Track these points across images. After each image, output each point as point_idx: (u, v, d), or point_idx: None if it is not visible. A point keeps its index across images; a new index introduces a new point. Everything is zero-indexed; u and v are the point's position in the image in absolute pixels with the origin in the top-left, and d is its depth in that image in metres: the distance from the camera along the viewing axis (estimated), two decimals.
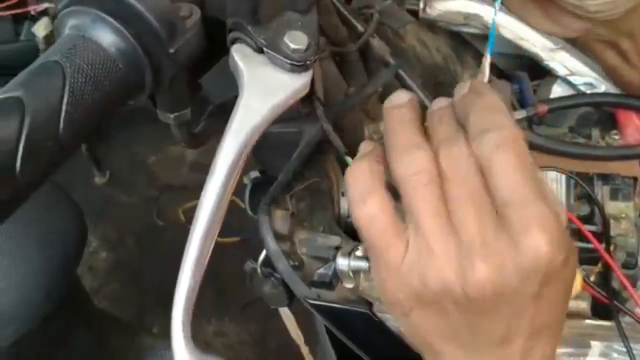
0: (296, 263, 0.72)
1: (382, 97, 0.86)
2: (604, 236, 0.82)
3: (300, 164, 0.76)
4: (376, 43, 0.85)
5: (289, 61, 0.53)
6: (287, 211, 0.73)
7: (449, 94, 0.99)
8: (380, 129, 0.91)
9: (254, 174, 0.82)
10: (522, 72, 1.02)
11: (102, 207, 2.23)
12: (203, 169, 0.51)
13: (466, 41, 1.10)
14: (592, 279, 0.80)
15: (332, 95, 0.89)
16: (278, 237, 0.71)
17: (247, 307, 1.85)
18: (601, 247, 0.79)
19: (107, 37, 0.49)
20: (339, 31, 0.85)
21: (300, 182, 0.76)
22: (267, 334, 1.89)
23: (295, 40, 0.54)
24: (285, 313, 0.80)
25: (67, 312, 1.30)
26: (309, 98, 0.66)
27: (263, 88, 0.53)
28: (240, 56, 0.54)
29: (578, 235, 0.82)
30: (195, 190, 0.60)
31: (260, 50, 0.54)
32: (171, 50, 0.51)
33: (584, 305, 0.79)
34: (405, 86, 0.85)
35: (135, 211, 2.29)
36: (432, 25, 1.07)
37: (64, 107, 0.46)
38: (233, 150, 0.51)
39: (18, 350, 1.11)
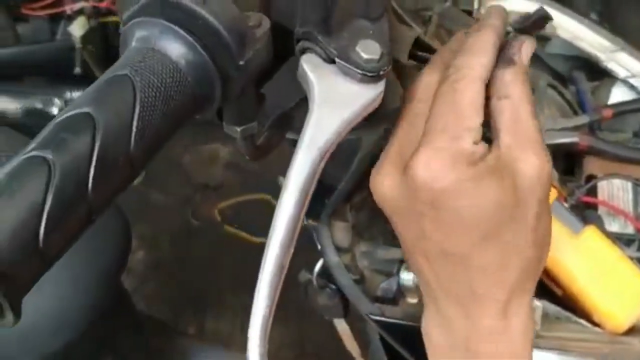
0: (357, 277, 0.70)
1: None
2: None
3: (360, 174, 0.73)
4: (435, 44, 0.82)
5: (361, 72, 0.51)
6: (347, 223, 0.70)
7: None
8: None
9: None
10: (580, 73, 0.99)
11: (137, 207, 2.22)
12: (238, 168, 0.50)
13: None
14: None
15: (387, 100, 0.86)
16: (339, 249, 0.69)
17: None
18: None
19: (176, 49, 0.47)
20: (398, 33, 0.83)
21: (360, 192, 0.74)
22: (305, 337, 1.88)
23: (368, 50, 0.51)
24: (340, 325, 0.78)
25: (112, 316, 1.30)
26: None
27: (334, 101, 0.51)
28: (311, 67, 0.52)
29: None
30: (230, 189, 0.58)
31: (331, 61, 0.52)
32: (241, 62, 0.48)
33: None
34: None
35: (171, 211, 2.28)
36: None
37: (135, 123, 0.44)
38: (305, 167, 0.48)
39: (66, 356, 1.10)
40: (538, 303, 0.72)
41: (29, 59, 1.55)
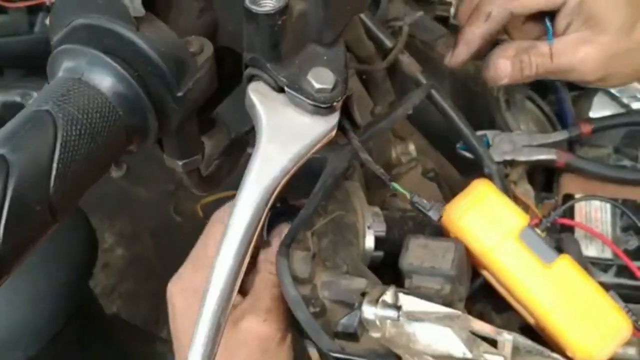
0: (317, 309, 0.65)
1: (411, 115, 0.79)
2: None
3: (323, 197, 0.69)
4: (406, 60, 0.78)
5: (313, 102, 0.47)
6: (308, 252, 0.66)
7: (481, 103, 0.93)
8: (409, 150, 0.85)
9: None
10: (560, 82, 0.95)
11: (118, 201, 2.17)
12: None
13: None
14: None
15: (359, 115, 0.82)
16: (298, 280, 0.65)
17: None
18: None
19: (105, 80, 0.43)
20: (365, 46, 0.78)
21: (323, 217, 0.70)
22: None
23: (320, 78, 0.47)
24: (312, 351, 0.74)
25: (80, 324, 1.25)
26: (341, 126, 0.60)
27: (283, 134, 0.47)
28: (258, 97, 0.48)
29: (626, 271, 0.75)
30: None
31: (280, 90, 0.48)
32: (179, 94, 0.44)
33: (632, 351, 0.72)
34: (438, 107, 0.78)
35: (152, 206, 2.23)
36: None
37: (55, 165, 0.40)
38: (250, 210, 0.44)
39: None
40: (508, 336, 0.68)
41: (7, 52, 1.50)
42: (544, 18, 0.77)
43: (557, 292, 0.67)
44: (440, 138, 0.84)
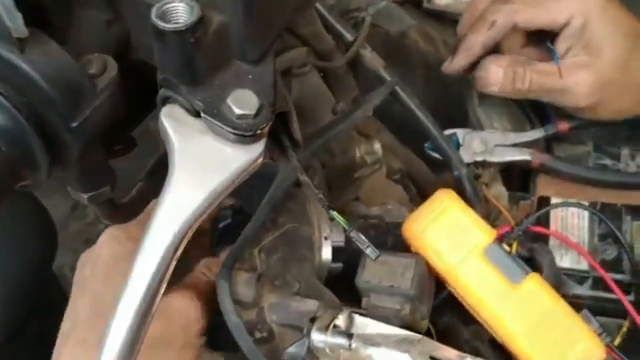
0: (264, 334, 0.60)
1: (377, 109, 0.73)
2: (632, 286, 0.69)
3: (271, 210, 0.64)
4: (368, 55, 0.72)
5: (232, 130, 0.41)
6: (253, 272, 0.61)
7: (456, 94, 0.87)
8: (374, 149, 0.79)
9: (226, 215, 0.69)
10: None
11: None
12: None
13: None
14: (619, 335, 0.68)
15: (318, 112, 0.76)
16: (241, 305, 0.60)
17: None
18: (627, 301, 0.67)
19: None
20: (325, 40, 0.72)
21: (272, 231, 0.64)
22: None
23: (242, 103, 0.41)
24: None
25: (42, 318, 1.20)
26: (280, 144, 0.54)
27: (199, 166, 0.41)
28: (172, 122, 0.42)
29: (603, 283, 0.70)
30: None
31: (197, 114, 0.42)
32: (74, 124, 0.38)
33: None
34: (403, 105, 0.72)
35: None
36: (438, 17, 0.94)
37: None
38: (154, 261, 0.38)
39: None
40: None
41: None
42: (544, 43, 0.76)
43: (524, 314, 0.62)
44: (409, 132, 0.78)
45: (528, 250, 0.71)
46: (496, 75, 0.73)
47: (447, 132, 0.77)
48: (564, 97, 0.74)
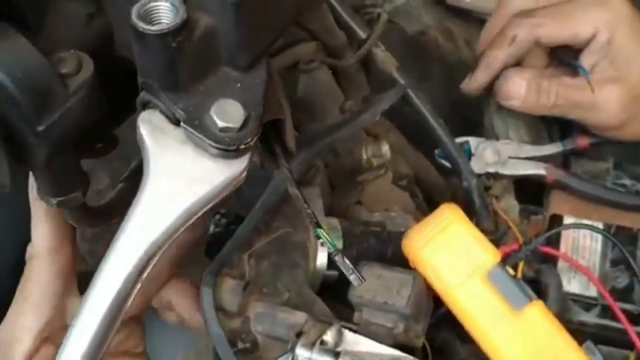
0: (247, 345, 0.58)
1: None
2: None
3: (265, 215, 0.61)
4: (380, 54, 0.68)
5: (214, 144, 0.37)
6: (240, 280, 0.58)
7: (474, 98, 0.82)
8: (382, 151, 0.75)
9: (215, 223, 0.66)
10: None
11: None
12: None
13: None
14: None
15: (326, 109, 0.72)
16: (225, 313, 0.57)
17: None
18: (635, 332, 0.63)
19: None
20: (336, 36, 0.68)
21: (265, 235, 0.61)
22: None
23: (226, 115, 0.37)
24: None
25: None
26: (272, 151, 0.51)
27: (176, 180, 0.38)
28: (149, 129, 0.38)
29: (611, 312, 0.66)
30: None
31: (178, 123, 0.39)
32: (40, 128, 0.35)
33: None
34: (414, 109, 0.69)
35: None
36: (461, 14, 0.89)
37: None
38: (115, 283, 0.35)
39: None
40: None
41: None
42: (566, 62, 0.72)
43: (524, 343, 0.59)
44: (421, 134, 0.74)
45: (535, 272, 0.68)
46: (519, 88, 0.69)
47: (459, 139, 0.73)
48: (592, 113, 0.70)
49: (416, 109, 0.68)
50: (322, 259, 0.65)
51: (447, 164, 0.72)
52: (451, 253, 0.61)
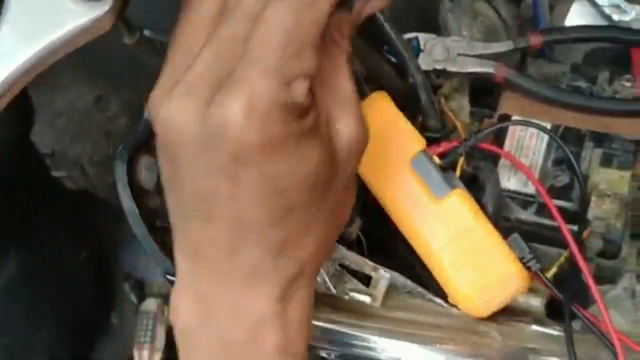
0: (167, 224, 0.58)
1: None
2: (579, 216, 0.64)
3: None
4: None
5: None
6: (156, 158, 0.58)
7: None
8: None
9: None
10: None
11: (128, 68, 2.10)
12: None
13: None
14: (556, 265, 0.64)
15: None
16: (141, 191, 0.57)
17: None
18: (568, 231, 0.62)
19: None
20: None
21: None
22: None
23: None
24: None
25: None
26: None
27: (31, 19, 0.37)
28: None
29: (548, 210, 0.65)
30: None
31: None
32: None
33: (535, 302, 0.63)
34: None
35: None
36: None
37: None
38: None
39: None
40: (385, 274, 0.60)
41: None
42: None
43: (445, 231, 0.58)
44: (373, 32, 0.72)
45: (473, 168, 0.67)
46: None
47: (408, 35, 0.71)
48: None
49: None
50: None
51: (393, 59, 0.71)
52: (377, 140, 0.59)
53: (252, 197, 0.38)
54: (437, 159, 0.60)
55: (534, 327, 0.61)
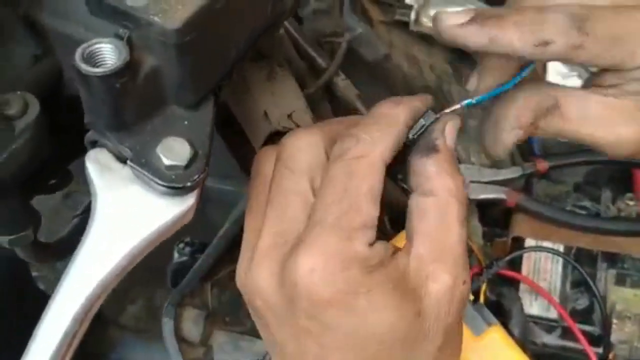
0: None
1: None
2: (602, 339, 0.67)
3: (228, 242, 0.61)
4: (341, 84, 0.69)
5: (161, 182, 0.38)
6: (201, 310, 0.59)
7: None
8: None
9: (180, 252, 0.66)
10: None
11: None
12: None
13: (467, 55, 0.93)
14: None
15: None
16: (188, 343, 0.57)
17: None
18: (594, 353, 0.64)
19: None
20: (298, 64, 0.69)
21: (228, 264, 0.62)
22: None
23: (172, 153, 0.38)
24: None
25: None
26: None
27: (122, 218, 0.38)
28: (97, 168, 0.39)
29: (572, 333, 0.67)
30: None
31: (125, 160, 0.39)
32: None
33: None
34: None
35: None
36: (425, 38, 0.91)
37: None
38: (62, 324, 0.36)
39: None
40: None
41: None
42: None
43: None
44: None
45: (497, 295, 0.69)
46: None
47: None
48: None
49: None
50: None
51: (405, 186, 0.73)
52: None
53: (332, 351, 0.38)
54: (470, 296, 0.62)
55: None
